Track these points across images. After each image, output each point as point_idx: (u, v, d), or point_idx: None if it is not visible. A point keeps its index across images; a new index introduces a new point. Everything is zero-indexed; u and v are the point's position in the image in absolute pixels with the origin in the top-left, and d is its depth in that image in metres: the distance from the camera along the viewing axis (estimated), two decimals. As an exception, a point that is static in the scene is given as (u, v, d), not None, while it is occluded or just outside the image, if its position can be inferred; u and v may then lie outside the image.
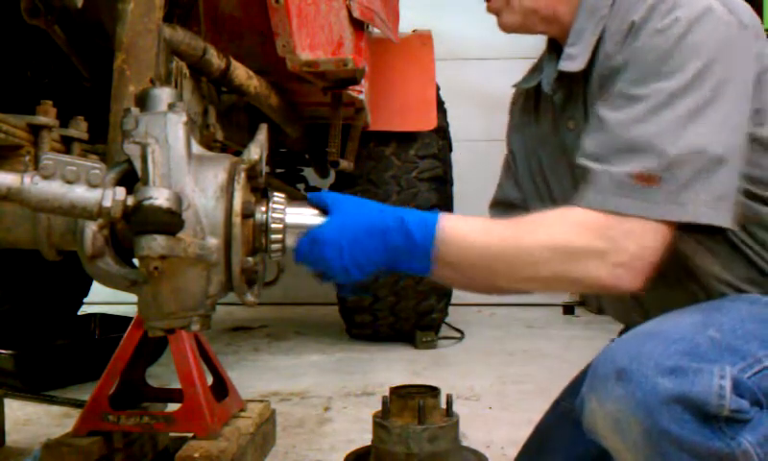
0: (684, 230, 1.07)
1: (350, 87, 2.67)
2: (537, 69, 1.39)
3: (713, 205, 1.04)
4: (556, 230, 1.07)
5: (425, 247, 1.09)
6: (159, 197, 0.96)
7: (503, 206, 1.50)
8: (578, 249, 1.05)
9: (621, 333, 1.51)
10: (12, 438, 2.24)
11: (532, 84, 1.37)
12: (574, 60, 1.21)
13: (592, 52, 1.20)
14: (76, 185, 0.96)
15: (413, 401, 1.60)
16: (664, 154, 1.03)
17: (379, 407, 1.65)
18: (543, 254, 1.06)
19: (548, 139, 1.36)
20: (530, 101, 1.41)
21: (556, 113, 1.32)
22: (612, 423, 0.98)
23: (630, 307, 1.30)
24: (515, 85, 1.45)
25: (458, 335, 3.93)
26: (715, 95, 1.05)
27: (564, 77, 1.25)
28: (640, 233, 1.04)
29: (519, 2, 1.26)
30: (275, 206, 1.12)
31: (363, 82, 2.69)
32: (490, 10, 1.30)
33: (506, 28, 1.31)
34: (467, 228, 1.11)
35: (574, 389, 1.48)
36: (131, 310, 1.86)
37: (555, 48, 1.31)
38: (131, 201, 0.97)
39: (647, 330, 1.03)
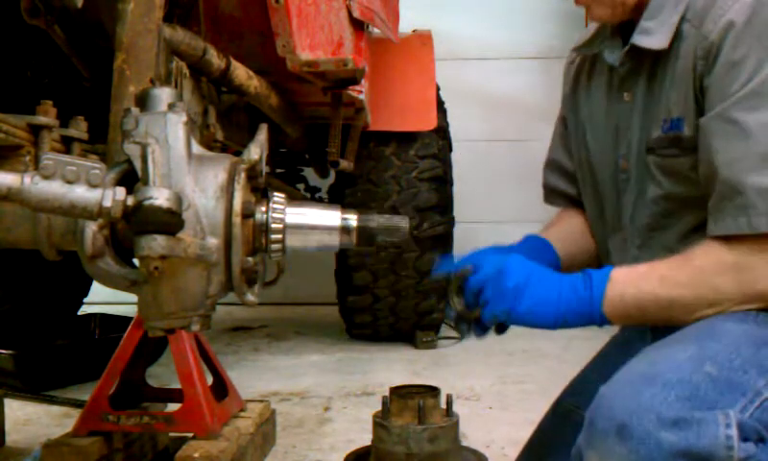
0: None
1: (350, 87, 2.67)
2: (597, 36, 1.38)
3: None
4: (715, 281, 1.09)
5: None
6: (159, 197, 0.96)
7: (557, 169, 1.52)
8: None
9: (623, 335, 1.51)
10: (11, 438, 2.23)
11: (593, 51, 1.37)
12: (652, 36, 1.20)
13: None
14: (76, 185, 0.96)
15: (413, 401, 1.60)
16: None
17: (379, 407, 1.64)
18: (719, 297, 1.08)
19: (598, 109, 1.36)
20: (584, 68, 1.41)
21: (612, 84, 1.32)
22: None
23: None
24: (574, 49, 1.46)
25: (458, 335, 3.93)
26: None
27: (635, 50, 1.24)
28: None
29: None
30: (275, 205, 1.12)
31: (363, 82, 2.69)
32: (579, 3, 1.30)
33: (596, 19, 1.31)
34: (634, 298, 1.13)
35: (574, 389, 1.48)
36: (131, 310, 1.86)
37: (620, 29, 1.31)
38: (131, 201, 0.97)
39: (642, 373, 1.01)
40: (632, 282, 1.13)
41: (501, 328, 1.25)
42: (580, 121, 1.42)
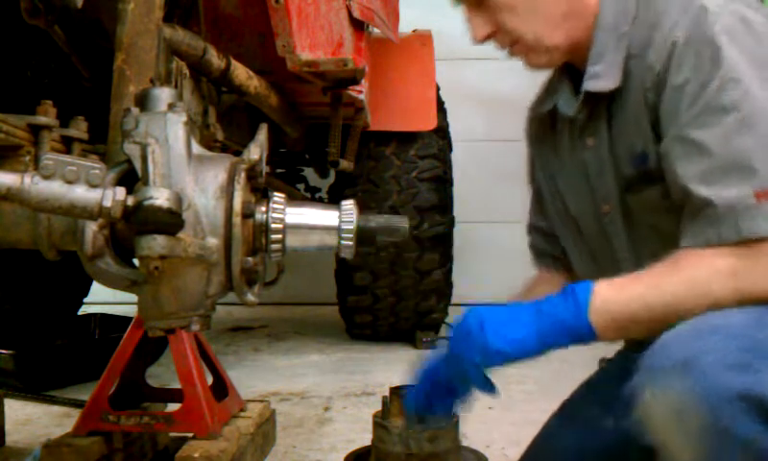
0: None
1: (350, 87, 2.67)
2: (549, 92, 1.39)
3: None
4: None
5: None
6: (159, 197, 0.96)
7: (538, 231, 1.50)
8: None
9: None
10: (12, 438, 2.23)
11: (548, 107, 1.36)
12: (601, 79, 1.21)
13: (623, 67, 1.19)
14: (76, 185, 0.96)
15: (413, 401, 1.60)
16: None
17: (379, 407, 1.64)
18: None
19: (565, 160, 1.36)
20: (545, 125, 1.41)
21: (574, 133, 1.32)
22: (671, 415, 0.95)
23: None
24: (531, 109, 1.45)
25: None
26: None
27: (588, 96, 1.24)
28: None
29: (542, 43, 1.24)
30: (275, 205, 1.12)
31: (363, 82, 2.69)
32: (513, 55, 1.30)
33: (534, 67, 1.30)
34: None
35: (582, 394, 1.48)
36: (131, 310, 1.86)
37: (568, 70, 1.31)
38: (131, 201, 0.97)
39: (703, 325, 1.01)
40: (618, 292, 1.09)
41: (487, 386, 1.19)
42: (551, 177, 1.41)
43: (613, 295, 1.09)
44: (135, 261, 1.04)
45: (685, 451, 0.95)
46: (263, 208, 1.12)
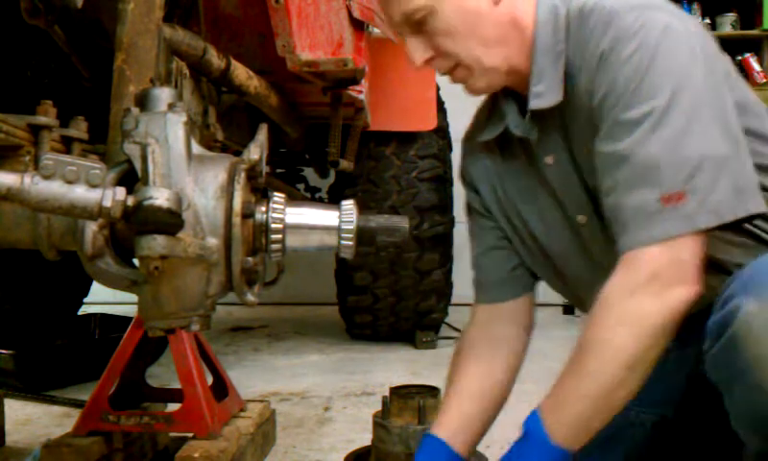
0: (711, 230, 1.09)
1: (350, 87, 2.67)
2: (491, 120, 1.40)
3: (736, 199, 1.07)
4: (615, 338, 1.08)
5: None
6: (159, 197, 0.96)
7: (492, 252, 1.47)
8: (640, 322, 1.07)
9: None
10: (12, 438, 2.23)
11: (497, 133, 1.38)
12: (543, 97, 1.23)
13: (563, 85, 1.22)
14: (76, 185, 0.96)
15: (413, 401, 1.60)
16: (677, 169, 1.06)
17: (379, 407, 1.65)
18: (620, 369, 1.07)
19: (525, 183, 1.37)
20: (493, 154, 1.42)
21: (530, 155, 1.33)
22: None
23: None
24: (469, 142, 1.48)
25: (458, 335, 3.92)
26: (698, 101, 1.08)
27: (536, 116, 1.26)
28: (686, 248, 1.06)
29: (480, 66, 1.27)
30: (275, 205, 1.12)
31: (363, 82, 2.69)
32: (455, 81, 1.32)
33: (475, 92, 1.34)
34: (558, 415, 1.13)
35: None
36: (131, 310, 1.86)
37: (511, 93, 1.33)
38: (131, 201, 0.97)
39: None
40: (559, 405, 1.12)
41: None
42: (509, 203, 1.41)
43: (558, 413, 1.12)
44: (135, 261, 1.04)
45: None
46: (263, 208, 1.12)
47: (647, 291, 1.06)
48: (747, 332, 1.01)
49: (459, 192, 4.13)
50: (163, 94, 1.09)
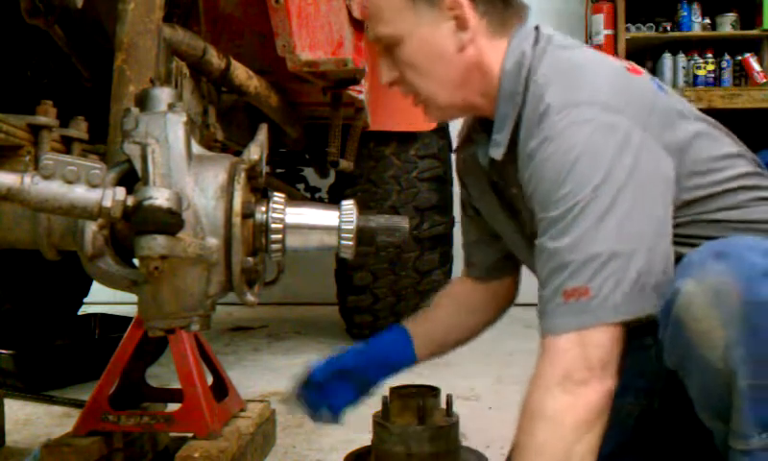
0: None
1: (350, 87, 2.67)
2: (470, 138, 1.45)
3: (638, 298, 1.09)
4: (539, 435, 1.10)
5: None
6: (159, 197, 0.96)
7: (480, 243, 1.59)
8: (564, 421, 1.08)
9: None
10: (12, 438, 2.23)
11: (469, 153, 1.44)
12: (500, 147, 1.27)
13: (513, 136, 1.25)
14: (76, 185, 0.96)
15: (413, 401, 1.61)
16: (584, 265, 1.09)
17: (379, 407, 1.64)
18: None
19: (501, 196, 1.42)
20: (475, 164, 1.45)
21: (498, 181, 1.39)
22: (712, 296, 1.01)
23: None
24: (457, 148, 1.53)
25: (458, 335, 3.93)
26: (614, 198, 1.10)
27: (494, 161, 1.31)
28: (595, 341, 1.09)
29: (435, 102, 1.33)
30: (275, 205, 1.12)
31: (363, 82, 2.69)
32: (415, 104, 1.38)
33: (431, 120, 1.42)
34: None
35: None
36: (131, 310, 1.85)
37: (483, 122, 1.36)
38: (131, 201, 0.97)
39: (728, 239, 1.10)
40: None
41: None
42: (493, 210, 1.48)
43: None
44: (135, 261, 1.04)
45: (725, 330, 1.00)
46: (263, 208, 1.12)
47: (561, 388, 1.08)
48: (687, 312, 1.04)
49: (459, 192, 4.13)
50: (163, 94, 1.09)
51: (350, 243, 1.15)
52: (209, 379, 1.91)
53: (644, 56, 4.71)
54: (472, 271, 1.63)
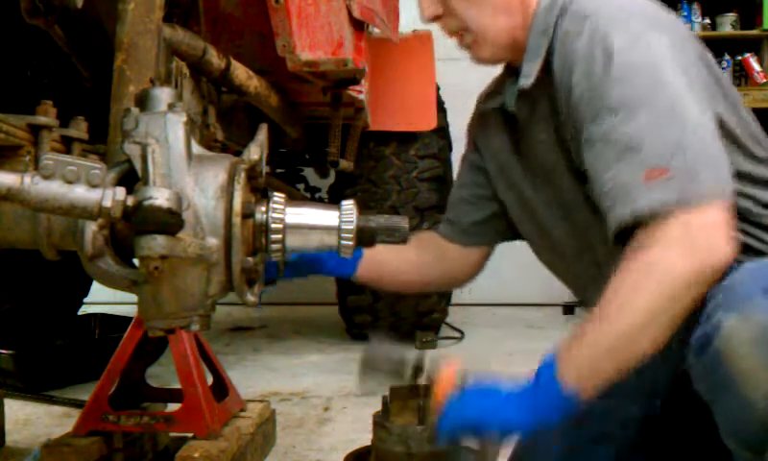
0: None
1: (350, 87, 2.67)
2: (497, 90, 1.45)
3: (714, 169, 1.08)
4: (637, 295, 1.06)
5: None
6: (159, 197, 0.96)
7: (463, 202, 1.57)
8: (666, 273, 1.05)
9: None
10: (12, 438, 2.23)
11: (496, 105, 1.42)
12: (529, 77, 1.27)
13: (545, 68, 1.26)
14: (76, 185, 0.96)
15: (413, 401, 1.60)
16: (662, 145, 1.08)
17: (379, 407, 1.64)
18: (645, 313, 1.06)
19: (521, 154, 1.41)
20: (496, 121, 1.45)
21: (525, 130, 1.37)
22: (759, 334, 0.98)
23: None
24: (478, 105, 1.52)
25: (458, 335, 3.93)
26: (673, 84, 1.11)
27: (524, 94, 1.30)
28: (711, 213, 1.06)
29: (484, 36, 1.31)
30: (275, 205, 1.12)
31: (363, 82, 2.69)
32: (462, 46, 1.37)
33: (479, 61, 1.37)
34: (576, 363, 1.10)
35: None
36: (131, 310, 1.86)
37: (514, 70, 1.36)
38: (131, 201, 0.97)
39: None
40: (580, 358, 1.09)
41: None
42: (502, 170, 1.46)
43: (578, 363, 1.09)
44: (135, 261, 1.04)
45: (766, 372, 0.97)
46: (263, 208, 1.12)
47: (676, 247, 1.04)
48: (730, 348, 1.01)
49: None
50: (163, 94, 1.09)
51: (350, 243, 1.15)
52: (209, 379, 1.91)
53: (644, 56, 4.71)
54: (446, 229, 1.59)
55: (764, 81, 4.96)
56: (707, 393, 1.08)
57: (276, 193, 1.15)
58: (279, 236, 1.12)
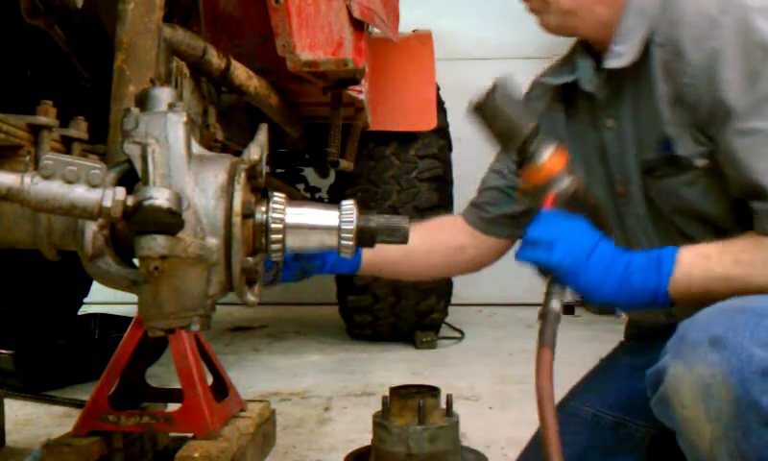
0: None
1: (350, 87, 2.67)
2: (566, 65, 1.38)
3: None
4: None
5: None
6: (159, 197, 0.96)
7: (495, 189, 1.51)
8: None
9: (629, 332, 1.52)
10: (12, 438, 2.23)
11: (565, 80, 1.37)
12: (622, 58, 1.21)
13: (643, 51, 1.20)
14: (76, 185, 0.96)
15: (413, 401, 1.60)
16: None
17: (379, 407, 1.64)
18: None
19: (581, 137, 1.37)
20: (557, 97, 1.41)
21: (594, 112, 1.32)
22: (700, 388, 0.96)
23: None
24: (541, 80, 1.45)
25: (458, 335, 3.93)
26: None
27: (611, 75, 1.25)
28: None
29: (557, 3, 1.25)
30: (275, 205, 1.12)
31: (363, 82, 2.69)
32: (530, 10, 1.31)
33: (546, 28, 1.31)
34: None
35: (581, 391, 1.48)
36: (131, 310, 1.86)
37: (588, 48, 1.32)
38: (131, 201, 0.97)
39: (732, 306, 1.02)
40: (700, 264, 1.09)
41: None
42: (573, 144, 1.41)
43: (695, 270, 1.09)
44: (135, 261, 1.04)
45: (711, 424, 0.96)
46: (263, 208, 1.12)
47: None
48: (675, 396, 1.01)
49: (459, 192, 4.15)
50: (163, 94, 1.09)
51: (350, 243, 1.15)
52: (209, 379, 1.91)
53: (644, 56, 4.72)
54: (471, 214, 1.55)
55: (764, 81, 4.96)
56: (666, 426, 1.08)
57: (276, 193, 1.14)
58: (279, 236, 1.12)
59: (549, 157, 1.19)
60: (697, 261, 1.10)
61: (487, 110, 1.20)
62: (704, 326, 0.99)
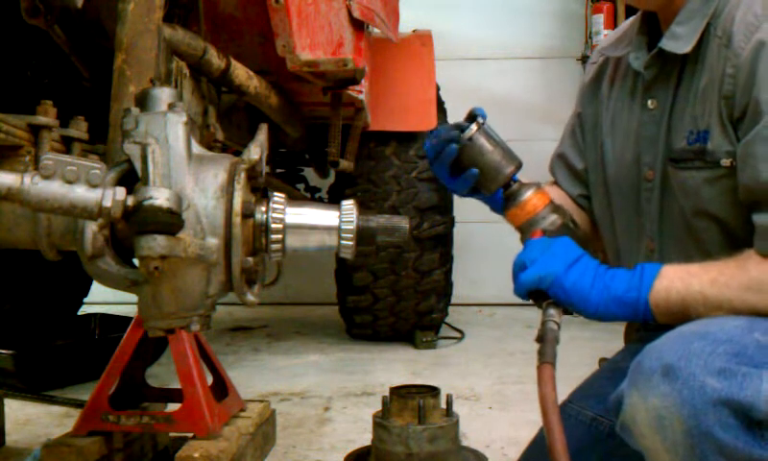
0: None
1: (350, 87, 2.67)
2: (624, 39, 1.38)
3: None
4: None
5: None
6: (159, 197, 0.96)
7: (564, 165, 1.52)
8: None
9: (634, 333, 1.52)
10: (12, 438, 2.23)
11: (619, 54, 1.37)
12: (679, 41, 1.21)
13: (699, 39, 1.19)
14: (76, 185, 0.96)
15: (413, 401, 1.60)
16: None
17: (379, 407, 1.65)
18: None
19: (620, 114, 1.36)
20: (607, 69, 1.41)
21: (636, 91, 1.32)
22: (654, 419, 0.96)
23: None
24: (600, 50, 1.46)
25: (458, 335, 3.92)
26: None
27: (661, 56, 1.24)
28: None
29: None
30: (275, 205, 1.12)
31: (363, 82, 2.69)
32: None
33: (636, 4, 1.30)
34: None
35: (582, 393, 1.48)
36: (131, 310, 1.86)
37: (649, 24, 1.31)
38: (131, 201, 0.97)
39: (693, 330, 1.02)
40: (681, 279, 1.11)
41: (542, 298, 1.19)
42: (599, 124, 1.42)
43: (675, 284, 1.11)
44: (135, 261, 1.04)
45: (669, 454, 0.96)
46: (263, 208, 1.12)
47: None
48: (632, 424, 1.01)
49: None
50: (163, 94, 1.09)
51: (350, 243, 1.15)
52: (209, 379, 1.91)
53: (644, 56, 4.72)
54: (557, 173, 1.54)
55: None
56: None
57: (276, 193, 1.15)
58: (279, 236, 1.12)
59: (532, 196, 1.23)
60: (678, 276, 1.12)
61: (470, 150, 1.26)
62: (658, 354, 0.99)
